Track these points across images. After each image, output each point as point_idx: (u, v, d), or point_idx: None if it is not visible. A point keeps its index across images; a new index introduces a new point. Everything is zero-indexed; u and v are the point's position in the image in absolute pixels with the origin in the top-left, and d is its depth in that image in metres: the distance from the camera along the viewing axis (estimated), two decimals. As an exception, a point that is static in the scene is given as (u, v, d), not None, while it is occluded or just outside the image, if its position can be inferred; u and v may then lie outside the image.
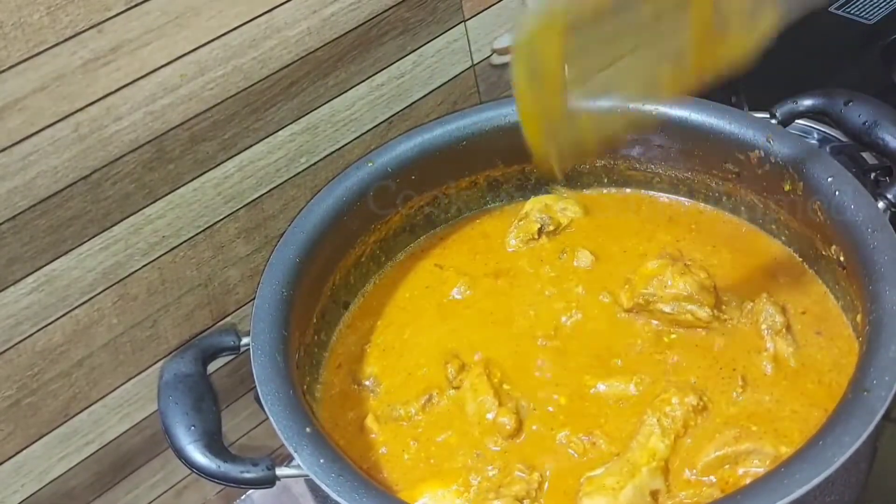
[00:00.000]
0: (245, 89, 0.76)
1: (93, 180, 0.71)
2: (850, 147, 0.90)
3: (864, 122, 0.76)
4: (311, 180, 0.84)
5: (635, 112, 0.64)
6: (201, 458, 0.65)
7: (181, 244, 0.79)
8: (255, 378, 0.67)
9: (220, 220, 0.80)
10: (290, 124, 0.81)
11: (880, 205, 0.71)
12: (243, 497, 0.93)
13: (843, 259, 0.73)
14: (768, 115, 0.81)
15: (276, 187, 0.82)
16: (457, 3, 0.86)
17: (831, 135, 0.96)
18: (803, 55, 1.16)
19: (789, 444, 0.66)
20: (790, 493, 0.56)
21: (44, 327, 0.73)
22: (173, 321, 0.81)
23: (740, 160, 0.79)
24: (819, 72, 1.11)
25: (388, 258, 0.86)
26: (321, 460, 0.62)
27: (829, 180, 0.73)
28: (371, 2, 0.80)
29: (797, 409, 0.69)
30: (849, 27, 1.17)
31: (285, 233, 0.77)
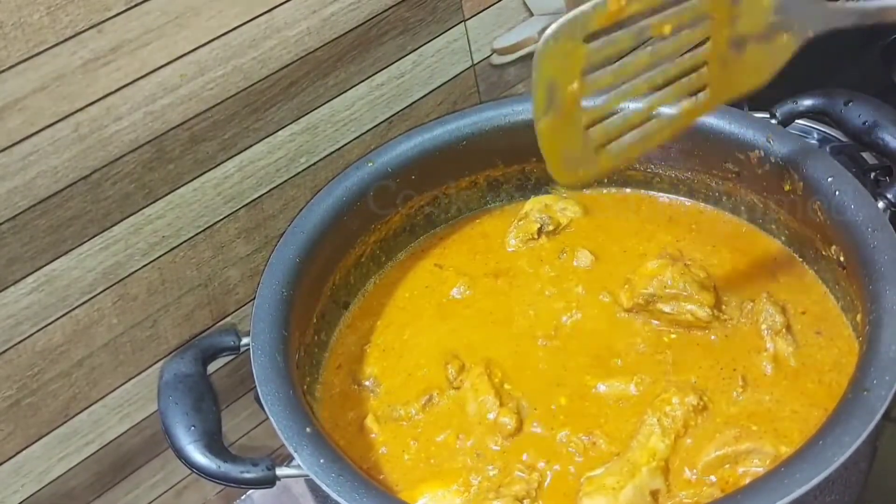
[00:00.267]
0: (245, 89, 0.76)
1: (93, 180, 0.71)
2: (850, 147, 0.90)
3: (864, 122, 0.76)
4: (311, 180, 0.84)
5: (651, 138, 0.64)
6: (201, 458, 0.65)
7: (181, 244, 0.79)
8: (255, 378, 0.67)
9: (220, 220, 0.80)
10: (290, 124, 0.81)
11: (880, 205, 0.71)
12: (243, 497, 0.93)
13: (843, 259, 0.73)
14: (768, 115, 0.81)
15: (276, 187, 0.82)
16: (457, 2, 0.86)
17: (831, 135, 0.96)
18: (803, 55, 1.16)
19: (789, 443, 0.66)
20: (790, 493, 0.56)
21: (44, 327, 0.73)
22: (173, 321, 0.81)
23: (740, 160, 0.79)
24: (819, 72, 1.11)
25: (388, 258, 0.86)
26: (321, 460, 0.62)
27: (829, 180, 0.73)
28: (371, 2, 0.80)
29: (797, 408, 0.69)
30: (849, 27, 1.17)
31: (285, 233, 0.77)
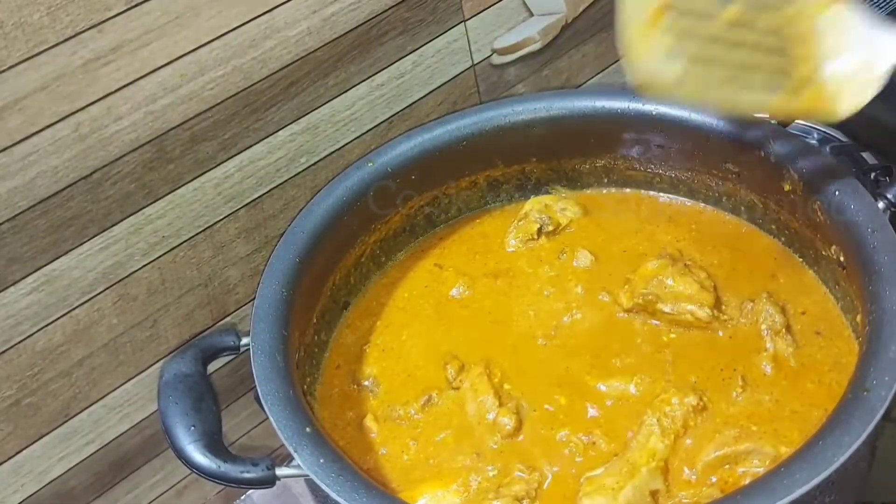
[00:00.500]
0: (245, 89, 0.76)
1: (93, 180, 0.71)
2: (850, 147, 0.90)
3: (864, 122, 0.76)
4: (311, 180, 0.84)
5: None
6: (201, 458, 0.65)
7: (181, 244, 0.79)
8: (255, 378, 0.67)
9: (220, 220, 0.80)
10: (290, 124, 0.81)
11: (880, 205, 0.71)
12: (243, 497, 0.93)
13: (843, 259, 0.73)
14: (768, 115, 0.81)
15: (276, 187, 0.82)
16: (457, 3, 0.86)
17: (831, 135, 0.96)
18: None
19: (789, 444, 0.66)
20: (790, 493, 0.56)
21: (44, 327, 0.73)
22: (173, 321, 0.81)
23: (740, 160, 0.79)
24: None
25: (388, 258, 0.86)
26: (321, 460, 0.62)
27: (829, 180, 0.73)
28: (371, 2, 0.80)
29: (797, 409, 0.69)
30: (849, 27, 1.17)
31: (285, 233, 0.77)
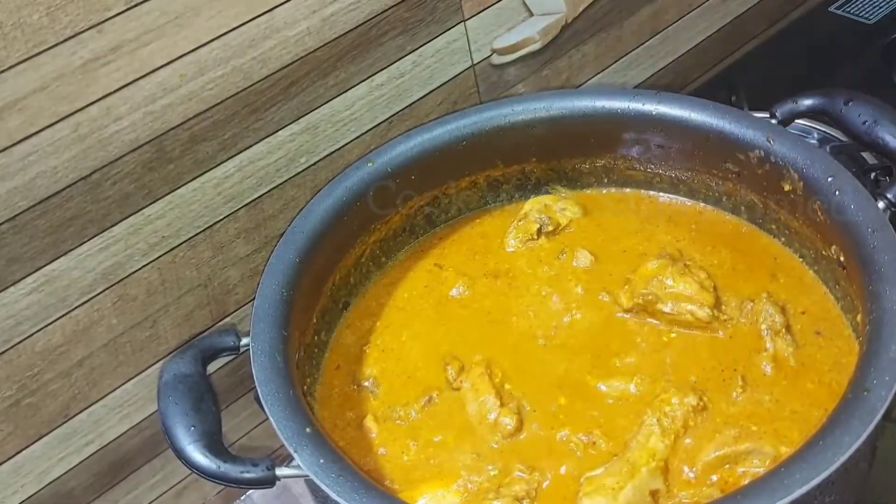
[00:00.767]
0: (245, 89, 0.76)
1: (92, 180, 0.71)
2: (850, 147, 0.90)
3: (864, 122, 0.76)
4: (311, 180, 0.84)
5: None
6: (201, 458, 0.65)
7: (181, 244, 0.79)
8: (255, 378, 0.67)
9: (219, 220, 0.80)
10: (289, 124, 0.81)
11: (880, 205, 0.71)
12: (243, 497, 0.93)
13: (843, 259, 0.73)
14: (768, 115, 0.81)
15: (276, 187, 0.82)
16: (456, 3, 0.86)
17: (831, 135, 0.96)
18: (803, 55, 1.16)
19: (789, 444, 0.66)
20: (790, 493, 0.56)
21: (44, 327, 0.73)
22: (173, 321, 0.81)
23: (740, 160, 0.79)
24: (819, 72, 1.11)
25: (388, 258, 0.86)
26: (321, 460, 0.62)
27: (829, 180, 0.73)
28: (370, 2, 0.80)
29: (797, 409, 0.69)
30: (849, 27, 1.18)
31: (285, 233, 0.77)
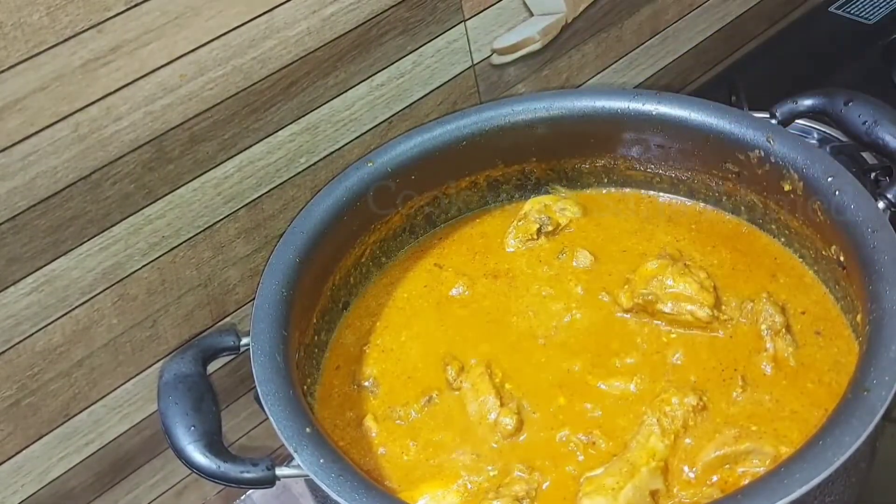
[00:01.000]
0: (245, 89, 0.76)
1: (92, 180, 0.71)
2: (850, 147, 0.90)
3: (864, 122, 0.76)
4: (310, 180, 0.84)
5: None
6: (201, 458, 0.65)
7: (181, 244, 0.79)
8: (255, 378, 0.67)
9: (219, 220, 0.80)
10: (289, 124, 0.81)
11: (880, 205, 0.71)
12: (243, 497, 0.93)
13: (843, 259, 0.73)
14: (768, 115, 0.81)
15: (275, 187, 0.82)
16: (457, 2, 0.86)
17: (831, 135, 0.96)
18: (803, 55, 1.16)
19: (789, 444, 0.66)
20: (790, 493, 0.56)
21: (44, 327, 0.73)
22: (173, 321, 0.81)
23: (740, 160, 0.79)
24: (819, 72, 1.11)
25: (388, 258, 0.86)
26: (321, 460, 0.62)
27: (829, 180, 0.73)
28: (371, 2, 0.80)
29: (797, 409, 0.69)
30: (849, 27, 1.18)
31: (285, 233, 0.77)
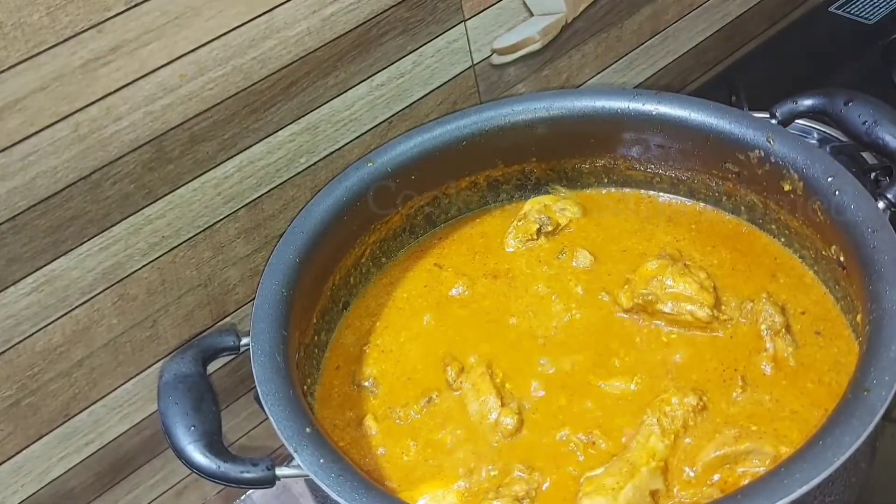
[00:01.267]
0: (245, 89, 0.76)
1: (92, 180, 0.71)
2: (850, 147, 0.90)
3: (864, 122, 0.76)
4: (310, 180, 0.84)
5: None
6: (201, 458, 0.65)
7: (181, 244, 0.79)
8: (255, 378, 0.67)
9: (219, 220, 0.80)
10: (289, 124, 0.81)
11: (880, 205, 0.71)
12: (243, 497, 0.93)
13: (843, 259, 0.73)
14: (768, 115, 0.81)
15: (275, 187, 0.82)
16: (457, 3, 0.86)
17: (831, 135, 0.96)
18: (803, 55, 1.16)
19: (789, 444, 0.66)
20: (790, 493, 0.56)
21: (44, 327, 0.73)
22: (173, 321, 0.81)
23: (740, 160, 0.79)
24: (819, 72, 1.11)
25: (388, 258, 0.86)
26: (321, 460, 0.62)
27: (829, 180, 0.73)
28: (370, 2, 0.80)
29: (797, 409, 0.69)
30: (849, 27, 1.18)
31: (285, 233, 0.77)
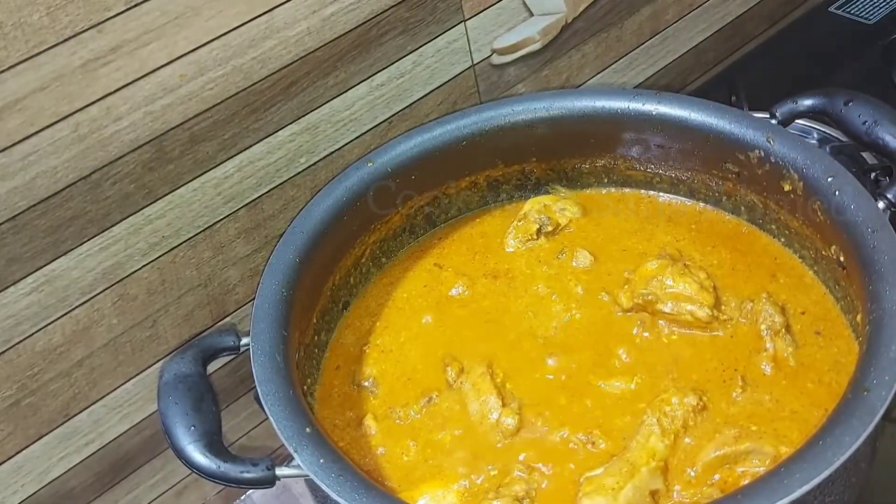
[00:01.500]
0: (245, 89, 0.76)
1: (92, 180, 0.71)
2: (850, 147, 0.90)
3: (864, 122, 0.76)
4: (310, 180, 0.84)
5: None
6: (201, 458, 0.65)
7: (181, 244, 0.79)
8: (255, 378, 0.67)
9: (219, 220, 0.80)
10: (289, 124, 0.81)
11: (880, 205, 0.71)
12: (243, 497, 0.93)
13: (843, 259, 0.73)
14: (768, 115, 0.81)
15: (275, 187, 0.82)
16: (457, 2, 0.86)
17: (831, 135, 0.96)
18: (803, 55, 1.16)
19: (789, 444, 0.66)
20: (790, 493, 0.56)
21: (44, 327, 0.73)
22: (173, 321, 0.81)
23: (740, 160, 0.79)
24: (819, 72, 1.11)
25: (388, 258, 0.86)
26: (321, 460, 0.62)
27: (829, 180, 0.73)
28: (371, 2, 0.80)
29: (797, 409, 0.69)
30: (849, 27, 1.18)
31: (285, 233, 0.77)
